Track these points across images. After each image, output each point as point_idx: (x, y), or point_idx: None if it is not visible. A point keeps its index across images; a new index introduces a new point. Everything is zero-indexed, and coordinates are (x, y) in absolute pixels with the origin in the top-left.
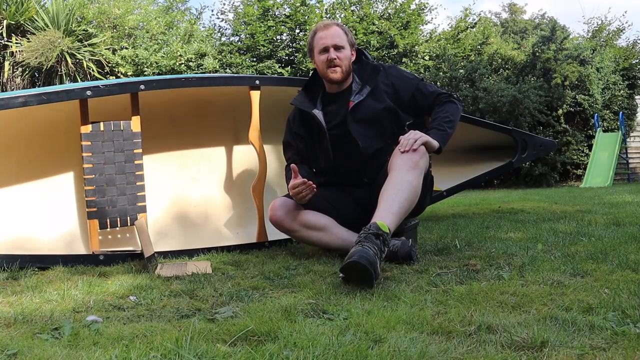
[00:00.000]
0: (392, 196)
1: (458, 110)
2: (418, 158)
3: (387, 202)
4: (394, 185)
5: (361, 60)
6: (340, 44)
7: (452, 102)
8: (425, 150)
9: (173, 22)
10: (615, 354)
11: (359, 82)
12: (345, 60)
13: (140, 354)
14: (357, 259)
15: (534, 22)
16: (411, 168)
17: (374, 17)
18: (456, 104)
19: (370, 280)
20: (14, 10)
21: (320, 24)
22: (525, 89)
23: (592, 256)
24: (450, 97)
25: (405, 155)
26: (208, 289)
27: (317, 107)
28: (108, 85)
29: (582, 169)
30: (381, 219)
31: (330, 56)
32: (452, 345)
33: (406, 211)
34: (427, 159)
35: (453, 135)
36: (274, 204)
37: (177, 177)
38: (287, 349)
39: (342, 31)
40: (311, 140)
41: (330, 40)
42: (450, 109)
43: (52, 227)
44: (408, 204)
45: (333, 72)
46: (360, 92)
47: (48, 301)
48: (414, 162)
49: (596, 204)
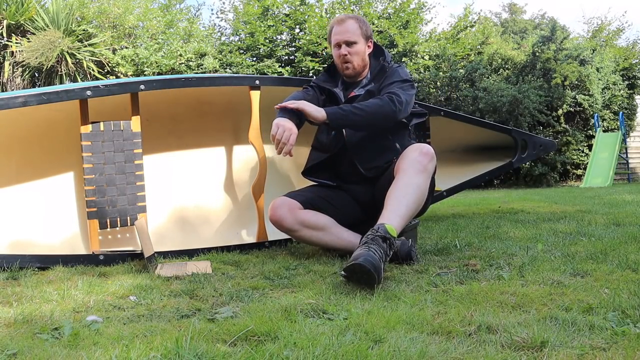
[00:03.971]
0: (400, 199)
1: (380, 105)
2: (427, 161)
3: (394, 204)
4: (401, 188)
5: (378, 58)
6: (351, 40)
7: (381, 99)
8: (433, 154)
9: (173, 21)
10: (615, 354)
11: (369, 78)
12: (357, 55)
13: (140, 354)
14: (362, 262)
15: (534, 22)
16: (420, 171)
17: (374, 16)
18: (384, 101)
19: (372, 284)
20: (14, 10)
21: (336, 18)
22: (525, 89)
23: (592, 256)
24: (387, 94)
25: (414, 158)
26: (208, 289)
27: (338, 87)
28: (108, 85)
29: (582, 169)
30: (389, 221)
31: (341, 52)
32: (452, 345)
33: (412, 214)
34: (435, 161)
35: (454, 136)
36: (274, 203)
37: (177, 177)
38: (287, 349)
39: (356, 25)
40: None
41: (342, 37)
42: (372, 102)
43: (52, 227)
44: (415, 207)
45: (346, 69)
46: (364, 87)
47: (48, 301)
48: (422, 166)
49: (596, 204)
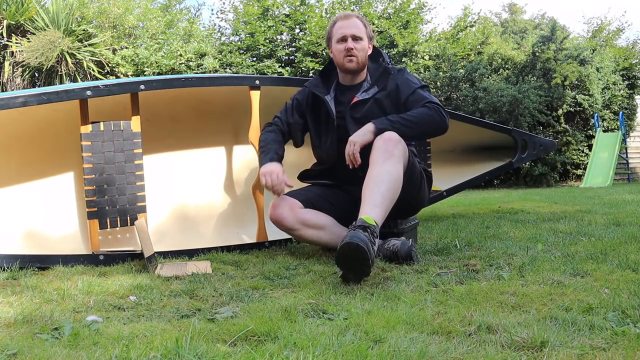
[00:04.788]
0: (374, 189)
1: (430, 116)
2: (392, 147)
3: (369, 196)
4: (373, 179)
5: (378, 60)
6: (358, 35)
7: (429, 108)
8: (399, 138)
9: (173, 22)
10: (615, 354)
11: (370, 81)
12: (362, 51)
13: (140, 354)
14: (349, 240)
15: (534, 22)
16: (386, 158)
17: (374, 16)
18: (432, 110)
19: (365, 260)
20: (14, 10)
21: (341, 14)
22: (525, 89)
23: (592, 256)
24: (433, 104)
25: (379, 147)
26: (208, 289)
27: (329, 94)
28: (108, 85)
29: (582, 169)
30: (366, 213)
31: (347, 45)
32: (452, 345)
33: (391, 201)
34: (402, 146)
35: (454, 135)
36: (274, 202)
37: (177, 177)
38: (287, 349)
39: (361, 23)
40: (318, 126)
41: (349, 30)
42: (421, 112)
43: (52, 227)
44: (391, 194)
45: (349, 62)
46: (367, 91)
47: (48, 301)
48: (388, 152)
49: (596, 204)
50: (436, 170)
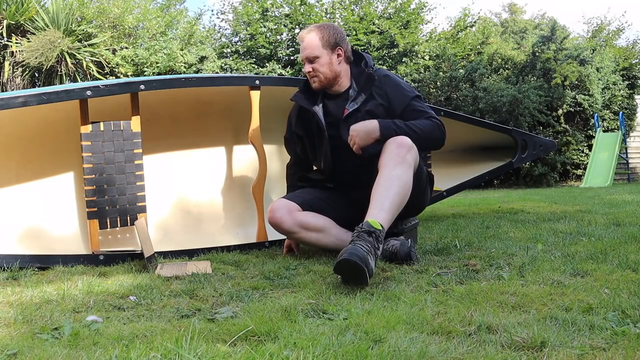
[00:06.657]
0: (383, 193)
1: (432, 131)
2: (405, 152)
3: (377, 200)
4: (383, 182)
5: (360, 64)
6: (312, 55)
7: (432, 122)
8: (412, 144)
9: (172, 22)
10: (615, 354)
11: (356, 89)
12: (322, 68)
13: (140, 354)
14: (347, 257)
15: (534, 22)
16: (399, 163)
17: (374, 16)
18: (435, 124)
19: (362, 276)
20: (14, 10)
21: (300, 35)
22: (525, 89)
23: (592, 256)
24: (434, 120)
25: (392, 151)
26: (208, 289)
27: (317, 104)
28: (108, 85)
29: (582, 169)
30: (373, 217)
31: (304, 70)
32: (452, 345)
33: (398, 206)
34: (415, 152)
35: (454, 135)
36: (273, 205)
37: (177, 177)
38: (287, 349)
39: (316, 38)
40: (311, 138)
41: (302, 54)
42: (426, 125)
43: (52, 227)
44: (399, 199)
45: (313, 83)
46: (355, 100)
47: (48, 301)
48: (400, 157)
49: (596, 204)
50: (436, 170)
